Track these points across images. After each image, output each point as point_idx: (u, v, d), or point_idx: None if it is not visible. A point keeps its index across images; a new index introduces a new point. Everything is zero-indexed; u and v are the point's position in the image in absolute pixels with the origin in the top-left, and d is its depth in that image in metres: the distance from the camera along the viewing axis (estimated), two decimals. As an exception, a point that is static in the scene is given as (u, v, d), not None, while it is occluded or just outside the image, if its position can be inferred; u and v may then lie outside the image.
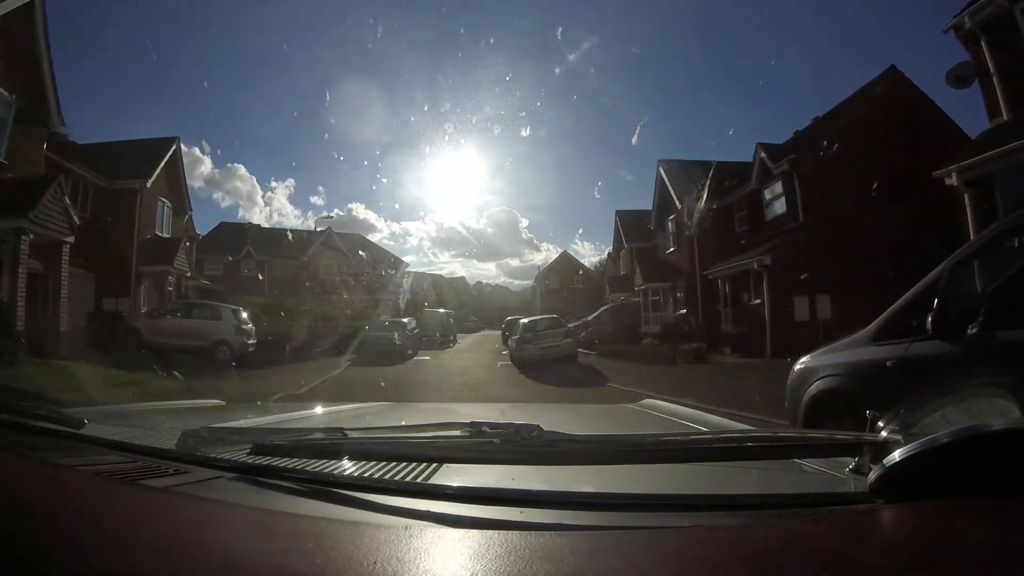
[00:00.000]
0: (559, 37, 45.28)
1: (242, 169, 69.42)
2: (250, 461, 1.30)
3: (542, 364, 17.78)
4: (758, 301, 20.70)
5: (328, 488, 1.13)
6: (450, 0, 46.94)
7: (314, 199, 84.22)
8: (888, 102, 20.38)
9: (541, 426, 1.28)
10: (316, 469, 1.23)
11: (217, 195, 76.88)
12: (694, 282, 25.98)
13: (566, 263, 55.58)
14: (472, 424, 1.43)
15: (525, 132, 34.87)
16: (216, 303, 21.57)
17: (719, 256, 24.06)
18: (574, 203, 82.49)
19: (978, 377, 2.98)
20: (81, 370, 12.32)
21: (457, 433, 1.46)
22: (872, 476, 0.95)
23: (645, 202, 33.12)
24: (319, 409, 2.78)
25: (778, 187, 22.24)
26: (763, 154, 22.91)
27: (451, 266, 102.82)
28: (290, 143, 66.99)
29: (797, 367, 4.89)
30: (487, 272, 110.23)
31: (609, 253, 43.77)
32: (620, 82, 53.15)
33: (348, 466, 1.26)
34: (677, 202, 27.23)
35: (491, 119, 30.29)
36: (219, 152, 74.29)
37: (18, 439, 1.41)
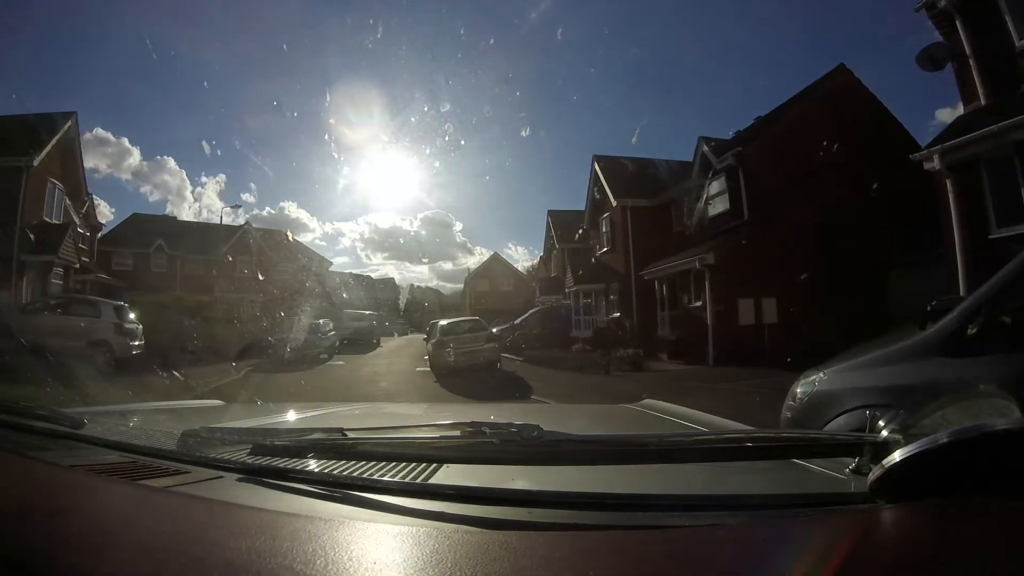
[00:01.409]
0: (495, 39, 43.67)
1: (172, 162, 65.54)
2: (250, 461, 1.28)
3: (461, 371, 15.63)
4: (699, 303, 18.48)
5: (328, 488, 1.11)
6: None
7: (246, 196, 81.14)
8: (837, 100, 18.88)
9: (541, 426, 1.25)
10: (316, 469, 1.22)
11: (145, 188, 75.07)
12: (629, 284, 23.72)
13: (496, 265, 53.33)
14: (472, 424, 1.41)
15: (460, 136, 33.73)
16: (97, 299, 18.49)
17: (655, 257, 21.79)
18: (508, 208, 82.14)
19: None
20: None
21: (457, 433, 1.43)
22: (872, 476, 0.92)
23: (580, 204, 30.91)
24: (319, 409, 2.64)
25: (721, 183, 20.01)
26: (705, 148, 20.72)
27: (384, 268, 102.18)
28: (222, 138, 62.83)
29: (803, 389, 3.69)
30: (420, 275, 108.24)
31: (541, 257, 41.73)
32: (557, 83, 51.64)
33: (348, 466, 1.23)
34: (613, 200, 24.96)
35: (426, 121, 28.56)
36: (148, 143, 72.89)
37: (18, 439, 1.41)
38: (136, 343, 16.55)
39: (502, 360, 18.84)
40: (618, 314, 23.93)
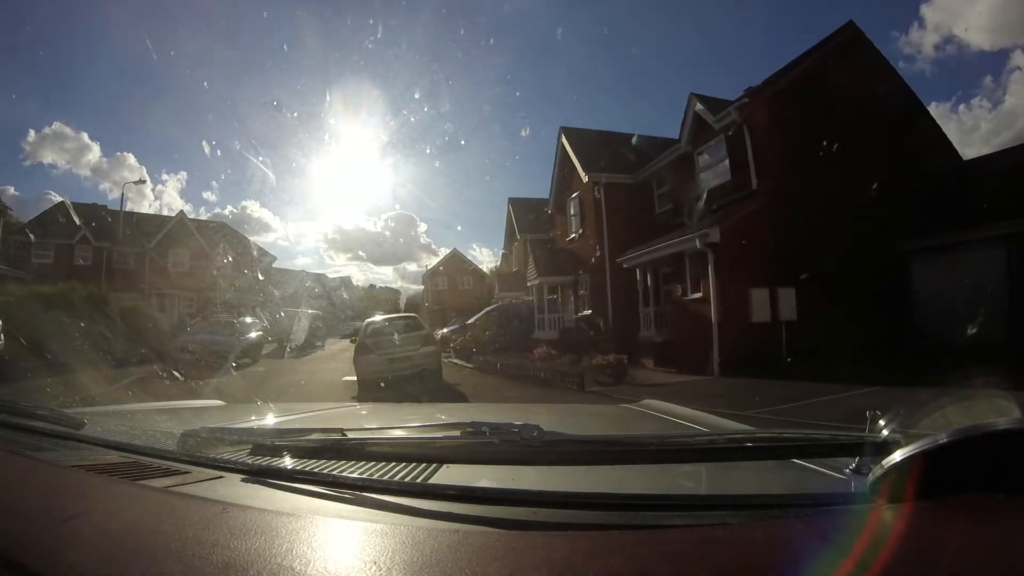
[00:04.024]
0: (457, 24, 40.30)
1: (132, 159, 63.20)
2: (250, 461, 1.25)
3: (390, 383, 11.37)
4: (698, 295, 13.69)
5: (328, 488, 1.08)
6: None
7: (207, 195, 77.74)
8: (847, 61, 14.87)
9: (541, 426, 1.22)
10: (316, 469, 1.19)
11: (104, 185, 75.43)
12: (602, 275, 18.73)
13: (456, 263, 48.29)
14: (472, 424, 1.38)
15: (425, 136, 31.87)
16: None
17: (635, 242, 17.01)
18: (473, 209, 78.57)
19: None
20: None
21: (457, 433, 1.39)
22: (872, 476, 0.90)
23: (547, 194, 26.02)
24: (318, 410, 2.64)
25: (719, 148, 15.42)
26: (699, 106, 16.02)
27: (347, 269, 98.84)
28: (186, 135, 60.28)
29: None
30: (384, 276, 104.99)
31: (503, 253, 37.06)
32: (525, 70, 48.26)
33: (348, 466, 1.21)
34: (584, 175, 19.95)
35: (389, 121, 25.94)
36: (108, 138, 69.82)
37: (18, 439, 1.41)
38: (-9, 343, 13.37)
39: (447, 368, 14.71)
40: (589, 311, 19.13)
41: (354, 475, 1.14)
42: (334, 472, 1.16)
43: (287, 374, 16.47)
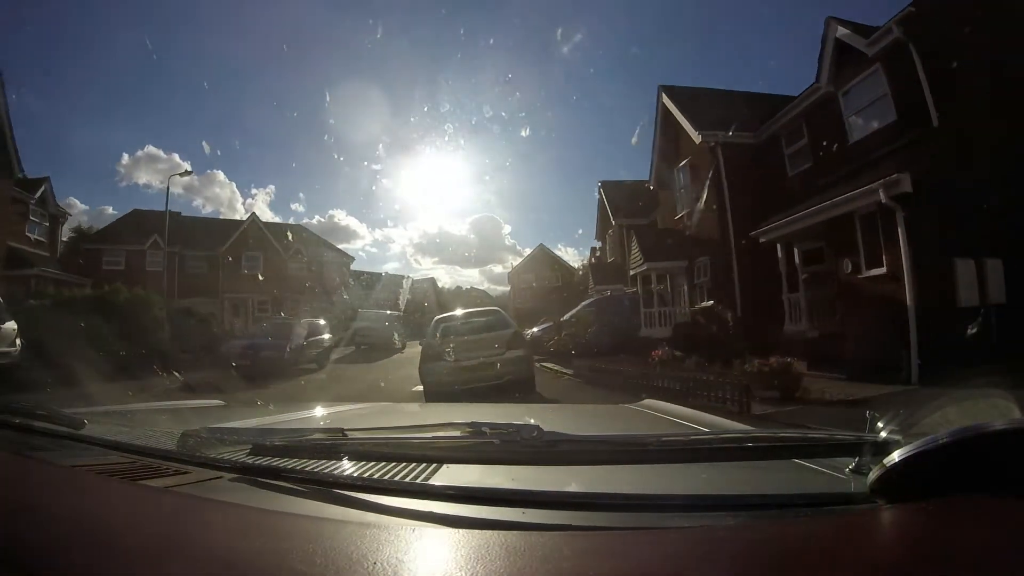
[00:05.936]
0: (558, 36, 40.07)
1: (221, 175, 66.19)
2: (250, 461, 1.25)
3: (466, 396, 8.74)
4: (879, 271, 10.23)
5: (328, 488, 1.08)
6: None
7: (295, 206, 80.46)
8: None
9: (541, 426, 1.23)
10: (316, 469, 1.17)
11: (197, 202, 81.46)
12: (727, 256, 15.37)
13: (543, 258, 45.61)
14: (472, 424, 1.37)
15: (509, 139, 31.14)
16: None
17: (764, 215, 13.75)
18: (557, 208, 79.18)
19: None
20: None
21: (457, 433, 1.39)
22: (872, 476, 0.89)
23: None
24: (318, 410, 2.61)
25: (876, 81, 11.79)
26: (841, 31, 12.55)
27: (434, 272, 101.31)
28: (272, 149, 64.02)
29: None
30: (471, 278, 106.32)
31: (592, 248, 34.08)
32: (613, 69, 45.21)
33: (348, 466, 1.20)
34: (696, 136, 16.51)
35: (475, 125, 25.55)
36: (199, 157, 73.19)
37: (18, 439, 1.40)
38: (5, 350, 12.45)
39: (540, 375, 11.84)
40: (710, 301, 15.84)
41: (354, 475, 1.13)
42: (334, 472, 1.14)
43: (347, 383, 14.66)
